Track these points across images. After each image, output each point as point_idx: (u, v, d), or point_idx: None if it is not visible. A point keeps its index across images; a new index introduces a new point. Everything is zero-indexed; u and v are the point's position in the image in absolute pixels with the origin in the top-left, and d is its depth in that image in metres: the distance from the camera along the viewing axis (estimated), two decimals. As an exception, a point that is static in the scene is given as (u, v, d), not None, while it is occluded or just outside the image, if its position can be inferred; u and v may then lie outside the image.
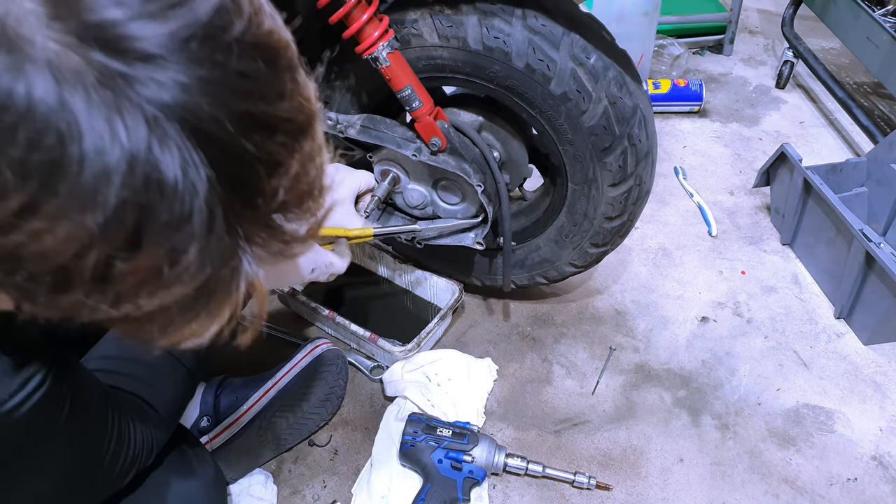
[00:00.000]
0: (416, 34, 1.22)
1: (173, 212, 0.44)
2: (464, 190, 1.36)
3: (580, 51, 1.18)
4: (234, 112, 0.45)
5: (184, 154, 0.43)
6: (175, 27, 0.42)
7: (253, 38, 0.46)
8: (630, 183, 1.30)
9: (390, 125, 1.29)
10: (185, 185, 0.43)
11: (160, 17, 0.42)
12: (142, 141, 0.41)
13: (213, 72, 0.43)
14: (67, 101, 0.40)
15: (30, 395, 0.64)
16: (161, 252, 0.45)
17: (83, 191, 0.41)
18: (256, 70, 0.46)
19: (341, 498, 1.30)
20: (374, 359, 1.52)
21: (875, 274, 1.50)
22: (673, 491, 1.32)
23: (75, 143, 0.40)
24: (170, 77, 0.42)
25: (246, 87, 0.45)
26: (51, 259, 0.43)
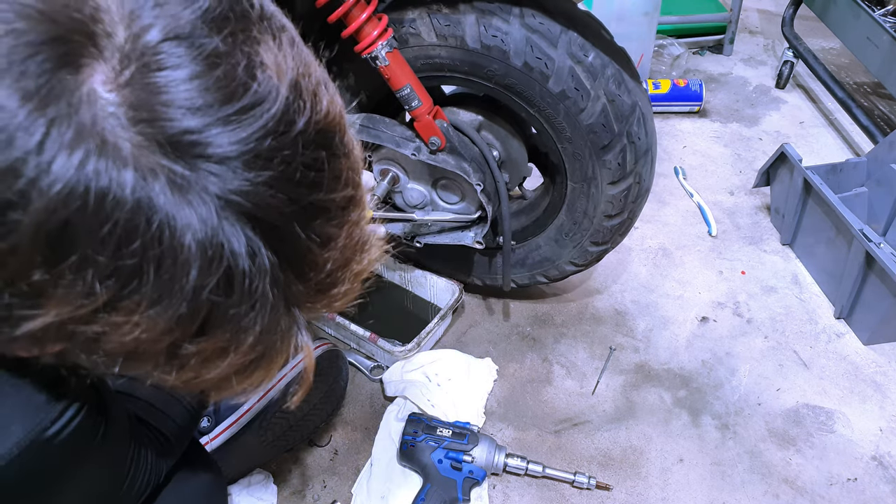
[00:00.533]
0: (414, 33, 1.22)
1: (242, 300, 0.47)
2: (463, 189, 1.36)
3: (578, 49, 1.18)
4: (298, 205, 0.47)
5: (251, 244, 0.45)
6: (248, 132, 0.44)
7: (315, 126, 0.48)
8: (629, 181, 1.30)
9: (389, 124, 1.29)
10: (251, 273, 0.46)
11: (234, 123, 0.43)
12: (214, 235, 0.44)
13: (280, 169, 0.45)
14: (151, 203, 0.41)
15: (70, 421, 0.64)
16: (227, 335, 0.48)
17: (161, 287, 0.44)
18: (318, 160, 0.48)
19: (341, 498, 1.30)
20: (374, 359, 1.52)
21: (875, 274, 1.49)
22: (673, 491, 1.31)
23: (156, 245, 0.42)
24: (239, 177, 0.44)
25: (309, 179, 0.47)
26: (127, 345, 0.46)
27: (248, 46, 0.46)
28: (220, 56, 0.44)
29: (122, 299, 0.44)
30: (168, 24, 0.43)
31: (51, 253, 0.41)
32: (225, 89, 0.44)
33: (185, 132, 0.42)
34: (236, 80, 0.44)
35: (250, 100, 0.44)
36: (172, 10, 0.44)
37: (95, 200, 0.40)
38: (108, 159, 0.40)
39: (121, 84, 0.41)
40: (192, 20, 0.44)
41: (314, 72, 0.51)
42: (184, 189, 0.42)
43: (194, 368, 0.50)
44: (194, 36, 0.43)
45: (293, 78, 0.47)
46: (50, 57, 0.40)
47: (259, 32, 0.47)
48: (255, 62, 0.45)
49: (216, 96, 0.43)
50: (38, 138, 0.39)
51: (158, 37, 0.42)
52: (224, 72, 0.44)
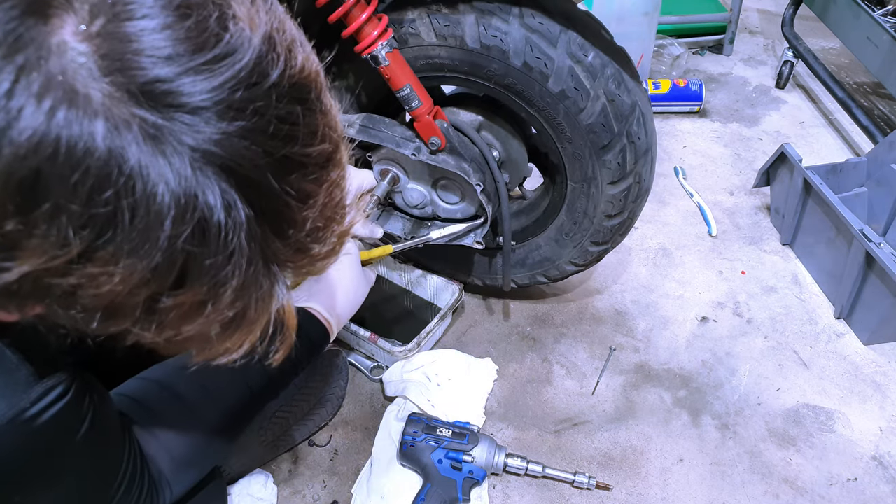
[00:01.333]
0: (413, 33, 1.22)
1: (217, 251, 0.47)
2: (463, 189, 1.36)
3: (578, 48, 1.18)
4: (273, 157, 0.47)
5: (225, 196, 0.46)
6: (219, 81, 0.44)
7: (289, 80, 0.48)
8: (629, 180, 1.30)
9: (389, 124, 1.29)
10: (227, 225, 0.46)
11: (206, 72, 0.44)
12: (188, 186, 0.44)
13: (253, 120, 0.46)
14: (123, 153, 0.42)
15: (51, 405, 0.63)
16: (205, 288, 0.48)
17: (136, 237, 0.44)
18: (293, 113, 0.48)
19: (341, 498, 1.30)
20: (374, 359, 1.52)
21: (875, 274, 1.49)
22: (673, 491, 1.31)
23: (129, 194, 0.42)
24: (212, 127, 0.44)
25: (284, 132, 0.48)
26: (103, 298, 0.46)
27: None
28: (191, 7, 0.44)
29: (96, 249, 0.44)
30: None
31: (23, 201, 0.41)
32: (196, 39, 0.44)
33: (157, 81, 0.42)
34: (208, 30, 0.44)
35: (222, 49, 0.44)
36: None
37: (66, 149, 0.40)
38: (78, 109, 0.40)
39: (91, 34, 0.41)
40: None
41: (289, 28, 0.51)
42: (157, 139, 0.42)
43: (173, 324, 0.50)
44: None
45: (266, 31, 0.47)
46: (17, 4, 0.40)
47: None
48: (227, 14, 0.45)
49: (187, 46, 0.43)
50: (7, 86, 0.39)
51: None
52: (195, 22, 0.44)
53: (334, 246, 0.57)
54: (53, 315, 0.49)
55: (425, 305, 1.64)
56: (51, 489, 0.70)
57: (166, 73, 0.42)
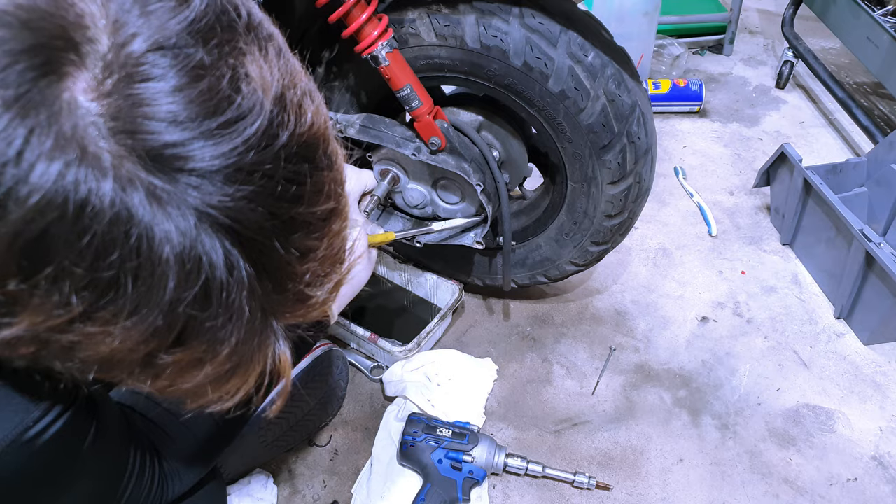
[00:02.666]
0: (414, 33, 1.22)
1: (218, 313, 0.47)
2: (463, 189, 1.36)
3: (578, 48, 1.18)
4: (279, 218, 0.47)
5: (229, 257, 0.45)
6: (229, 147, 0.44)
7: (298, 139, 0.48)
8: (630, 181, 1.30)
9: (390, 124, 1.29)
10: (229, 286, 0.46)
11: (216, 137, 0.43)
12: (192, 249, 0.44)
13: (261, 183, 0.45)
14: (130, 216, 0.41)
15: (52, 423, 0.63)
16: (203, 346, 0.48)
17: (138, 299, 0.44)
18: (300, 173, 0.48)
19: (341, 498, 1.30)
20: (374, 359, 1.52)
21: (875, 274, 1.49)
22: (673, 491, 1.31)
23: (134, 257, 0.42)
24: (219, 190, 0.44)
25: (290, 193, 0.47)
26: (101, 354, 0.46)
27: (233, 58, 0.45)
28: (205, 68, 0.44)
29: (98, 310, 0.43)
30: (153, 35, 0.42)
31: (27, 263, 0.41)
32: (208, 102, 0.43)
33: (166, 146, 0.42)
34: (220, 94, 0.44)
35: (234, 114, 0.44)
36: (158, 20, 0.43)
37: (74, 211, 0.40)
38: (87, 169, 0.40)
39: (102, 93, 0.41)
40: (178, 31, 0.43)
41: (300, 82, 0.50)
42: (163, 201, 0.42)
43: (170, 378, 0.50)
44: (179, 47, 0.43)
45: (278, 90, 0.47)
46: (31, 66, 0.39)
47: (245, 44, 0.47)
48: (239, 74, 0.45)
49: (199, 109, 0.43)
50: (17, 147, 0.39)
51: (143, 47, 0.42)
52: (208, 84, 0.43)
53: (330, 293, 0.56)
54: (48, 362, 0.48)
55: (425, 305, 1.64)
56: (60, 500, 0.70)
57: (176, 138, 0.42)
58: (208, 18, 0.45)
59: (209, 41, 0.44)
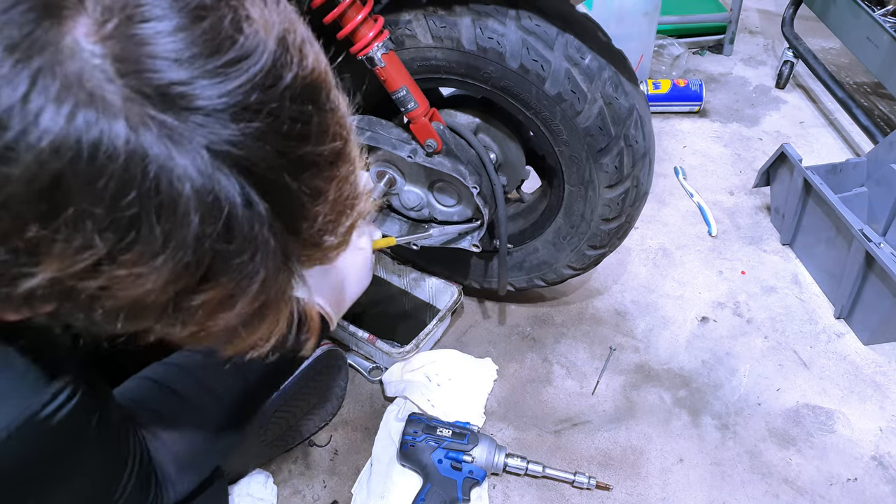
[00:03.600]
0: (410, 35, 1.23)
1: (243, 245, 0.48)
2: (460, 192, 1.36)
3: (575, 51, 1.18)
4: (287, 157, 0.48)
5: (245, 193, 0.46)
6: (234, 85, 0.44)
7: (301, 80, 0.49)
8: (627, 184, 1.30)
9: (386, 126, 1.30)
10: (249, 220, 0.47)
11: (221, 76, 0.44)
12: (210, 185, 0.44)
13: (268, 121, 0.46)
14: (145, 154, 0.42)
15: (63, 405, 0.63)
16: (232, 283, 0.49)
17: (162, 237, 0.44)
18: (305, 113, 0.49)
19: (341, 498, 1.30)
20: (373, 360, 1.52)
21: (875, 274, 1.49)
22: (673, 491, 1.32)
23: (154, 194, 0.42)
24: (227, 129, 0.44)
25: (296, 132, 0.48)
26: (129, 298, 0.46)
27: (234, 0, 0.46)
28: (206, 8, 0.44)
29: (122, 251, 0.44)
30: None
31: (46, 207, 0.41)
32: (211, 42, 0.44)
33: (172, 84, 0.42)
34: (222, 33, 0.44)
35: (237, 53, 0.45)
36: None
37: (88, 152, 0.40)
38: (97, 111, 0.40)
39: (104, 35, 0.41)
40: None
41: (299, 28, 0.51)
42: (175, 139, 0.43)
43: (199, 320, 0.50)
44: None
45: (279, 32, 0.48)
46: (32, 7, 0.40)
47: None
48: (241, 16, 0.46)
49: (202, 49, 0.43)
50: (23, 90, 0.39)
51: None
52: (210, 24, 0.44)
53: (345, 237, 0.57)
54: (67, 316, 0.48)
55: (424, 307, 1.64)
56: (63, 488, 0.70)
57: (181, 76, 0.42)
58: None
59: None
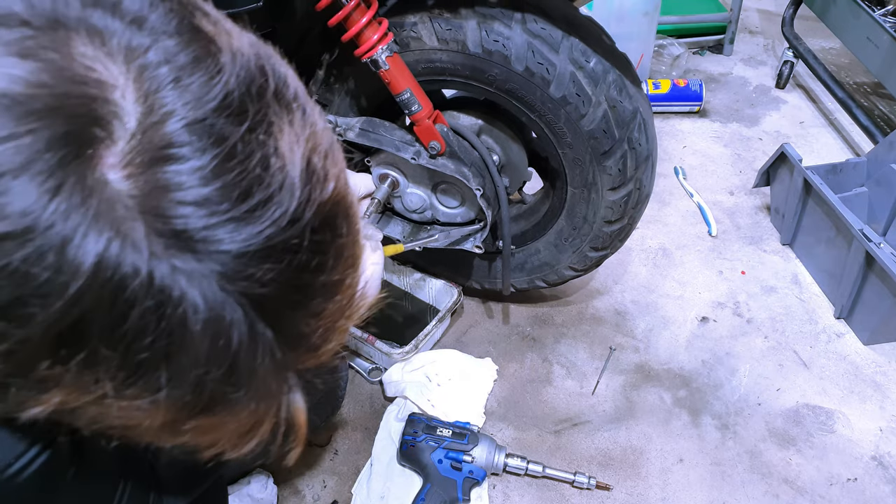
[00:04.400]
0: (415, 37, 1.23)
1: (242, 384, 0.47)
2: (463, 193, 1.36)
3: (580, 54, 1.18)
4: (301, 290, 0.47)
5: (253, 328, 0.45)
6: (257, 230, 0.43)
7: (321, 210, 0.47)
8: (630, 187, 1.30)
9: (389, 128, 1.30)
10: (256, 359, 0.46)
11: (244, 221, 0.43)
12: (222, 328, 0.44)
13: (286, 260, 0.45)
14: (163, 300, 0.41)
15: (32, 460, 0.62)
16: (225, 412, 0.48)
17: (168, 376, 0.44)
18: (323, 244, 0.48)
19: (341, 498, 1.31)
20: (373, 360, 1.52)
21: (875, 274, 1.50)
22: (673, 491, 1.32)
23: (166, 337, 0.42)
24: (246, 269, 0.43)
25: (313, 265, 0.47)
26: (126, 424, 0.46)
27: (263, 132, 0.44)
28: (235, 148, 0.43)
29: (128, 387, 0.43)
30: (187, 114, 0.41)
31: (62, 349, 0.41)
32: (238, 185, 0.43)
33: (196, 230, 0.42)
34: (249, 175, 0.43)
35: (262, 195, 0.43)
36: (192, 95, 0.42)
37: (110, 295, 0.40)
38: (123, 251, 0.40)
39: (132, 172, 0.40)
40: (211, 109, 0.42)
41: (322, 142, 0.49)
42: (194, 282, 0.42)
43: (190, 437, 0.50)
44: (212, 126, 0.42)
45: (304, 163, 0.46)
46: (61, 148, 0.38)
47: (274, 113, 0.46)
48: (269, 151, 0.44)
49: (228, 193, 0.42)
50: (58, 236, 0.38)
51: (176, 127, 0.41)
52: (238, 166, 0.43)
53: (339, 340, 0.56)
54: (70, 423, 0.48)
55: (424, 307, 1.64)
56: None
57: (204, 223, 0.41)
58: (240, 90, 0.44)
59: (240, 116, 0.43)
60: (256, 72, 0.46)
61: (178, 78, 0.42)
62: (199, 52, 0.43)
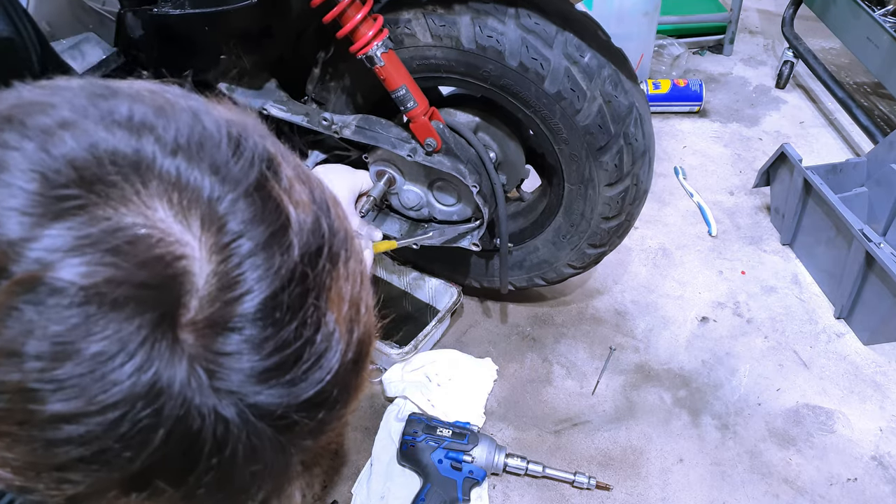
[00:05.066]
0: (409, 34, 1.22)
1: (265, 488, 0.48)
2: (460, 191, 1.36)
3: (574, 49, 1.18)
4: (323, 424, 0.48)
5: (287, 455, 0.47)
6: (300, 391, 0.44)
7: (353, 356, 0.48)
8: (627, 182, 1.30)
9: (385, 125, 1.29)
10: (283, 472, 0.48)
11: (288, 386, 0.44)
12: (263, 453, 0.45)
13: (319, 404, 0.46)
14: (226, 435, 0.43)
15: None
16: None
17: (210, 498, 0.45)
18: (349, 386, 0.49)
19: (341, 498, 1.30)
20: (373, 361, 1.52)
21: (875, 274, 1.49)
22: (673, 491, 1.31)
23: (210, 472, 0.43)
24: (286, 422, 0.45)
25: (337, 404, 0.48)
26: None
27: (315, 298, 0.45)
28: (293, 310, 0.43)
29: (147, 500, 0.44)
30: (258, 290, 0.42)
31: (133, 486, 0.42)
32: (287, 356, 0.43)
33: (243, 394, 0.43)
34: (302, 339, 0.44)
35: (309, 362, 0.44)
36: (263, 272, 0.42)
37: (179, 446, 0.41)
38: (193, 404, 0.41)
39: (199, 336, 0.41)
40: (278, 287, 0.42)
41: (364, 283, 0.50)
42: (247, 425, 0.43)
43: None
44: (279, 302, 0.42)
45: (349, 325, 0.47)
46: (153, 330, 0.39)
47: (328, 274, 0.46)
48: (321, 311, 0.45)
49: (277, 363, 0.43)
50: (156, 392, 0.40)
51: (247, 306, 0.41)
52: (293, 330, 0.43)
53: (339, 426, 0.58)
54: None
55: (424, 307, 1.64)
56: None
57: (251, 389, 0.42)
58: (303, 263, 0.44)
59: (302, 286, 0.44)
60: (316, 237, 0.45)
61: (254, 253, 0.41)
62: (275, 227, 0.43)
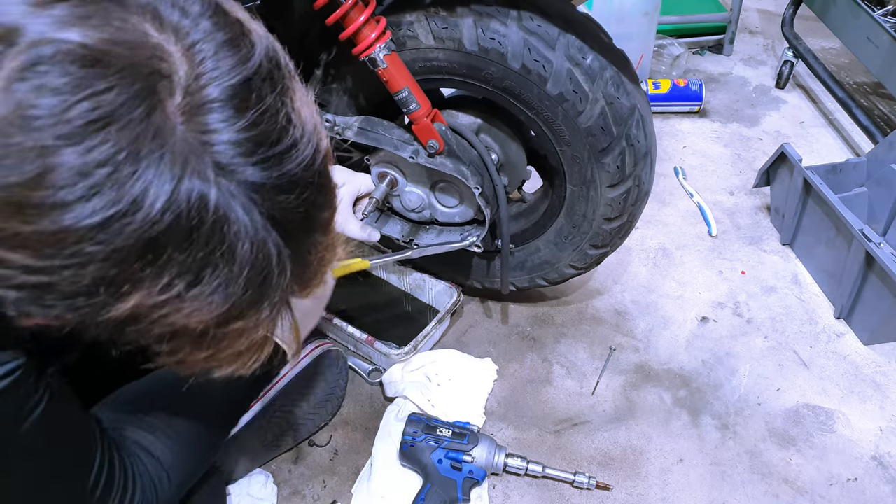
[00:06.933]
0: (411, 36, 1.23)
1: (271, 293, 0.59)
2: (462, 192, 1.36)
3: (576, 51, 1.18)
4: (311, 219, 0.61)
5: (279, 249, 0.58)
6: (284, 170, 0.56)
7: (323, 160, 0.60)
8: (629, 184, 1.30)
9: (388, 127, 1.30)
10: (281, 270, 0.58)
11: (272, 162, 0.55)
12: (260, 241, 0.56)
13: (304, 195, 0.58)
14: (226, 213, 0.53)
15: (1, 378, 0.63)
16: (252, 320, 0.59)
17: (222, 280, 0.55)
18: (324, 185, 0.61)
19: (341, 498, 1.30)
20: (372, 361, 1.52)
21: (875, 274, 1.49)
22: (673, 491, 1.32)
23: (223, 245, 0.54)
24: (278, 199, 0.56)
25: (319, 200, 0.61)
26: (180, 326, 0.56)
27: (285, 95, 0.57)
28: (267, 107, 0.55)
29: (191, 289, 0.53)
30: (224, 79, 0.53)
31: (147, 253, 0.50)
32: (270, 135, 0.55)
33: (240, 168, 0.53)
34: (279, 127, 0.55)
35: (288, 143, 0.56)
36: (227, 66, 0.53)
37: (186, 213, 0.50)
38: (195, 180, 0.51)
39: (185, 120, 0.51)
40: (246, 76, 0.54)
41: (317, 109, 0.62)
42: (243, 205, 0.54)
43: (219, 346, 0.60)
44: (249, 88, 0.54)
45: (313, 123, 0.59)
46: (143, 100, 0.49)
47: (290, 81, 0.59)
48: (290, 109, 0.57)
49: (264, 140, 0.54)
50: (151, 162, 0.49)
51: (216, 92, 0.52)
52: (270, 117, 0.55)
53: (323, 275, 0.68)
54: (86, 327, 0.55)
55: (424, 308, 1.64)
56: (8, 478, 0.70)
57: (243, 161, 0.53)
58: (268, 63, 0.56)
59: (272, 82, 0.56)
60: (275, 52, 0.58)
61: (217, 52, 0.53)
62: (236, 33, 0.55)
